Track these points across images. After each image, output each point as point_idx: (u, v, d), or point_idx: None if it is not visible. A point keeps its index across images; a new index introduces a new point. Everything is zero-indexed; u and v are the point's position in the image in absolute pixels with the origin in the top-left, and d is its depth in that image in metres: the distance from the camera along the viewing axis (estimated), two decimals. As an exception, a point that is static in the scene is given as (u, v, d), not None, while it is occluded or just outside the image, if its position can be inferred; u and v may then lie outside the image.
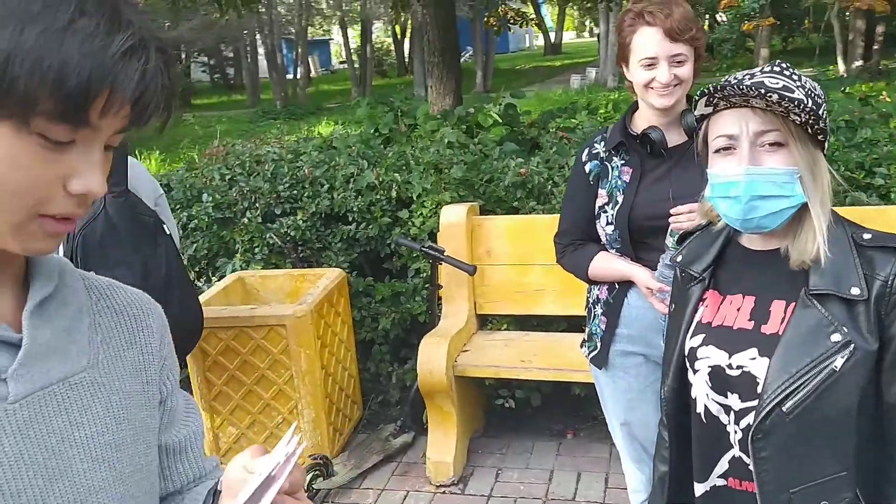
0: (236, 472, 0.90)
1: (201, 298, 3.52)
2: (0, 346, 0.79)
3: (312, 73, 37.46)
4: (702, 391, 1.38)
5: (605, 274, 2.22)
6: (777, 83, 1.25)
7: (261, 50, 24.48)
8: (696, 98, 1.35)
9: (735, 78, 1.31)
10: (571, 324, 3.61)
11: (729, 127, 1.30)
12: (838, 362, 1.23)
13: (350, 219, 3.94)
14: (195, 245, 4.03)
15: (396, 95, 5.72)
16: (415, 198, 3.89)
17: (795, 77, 1.29)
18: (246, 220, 3.97)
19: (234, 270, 3.90)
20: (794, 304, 1.30)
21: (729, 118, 1.30)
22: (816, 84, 1.31)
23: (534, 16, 9.80)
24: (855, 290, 1.24)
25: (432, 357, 3.28)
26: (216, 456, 1.13)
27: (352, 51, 27.62)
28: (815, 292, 1.27)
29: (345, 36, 28.30)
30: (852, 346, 1.23)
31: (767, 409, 1.26)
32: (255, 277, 3.81)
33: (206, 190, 4.11)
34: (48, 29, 0.69)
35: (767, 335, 1.31)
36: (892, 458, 1.29)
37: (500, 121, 4.74)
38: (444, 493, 3.32)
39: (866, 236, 1.29)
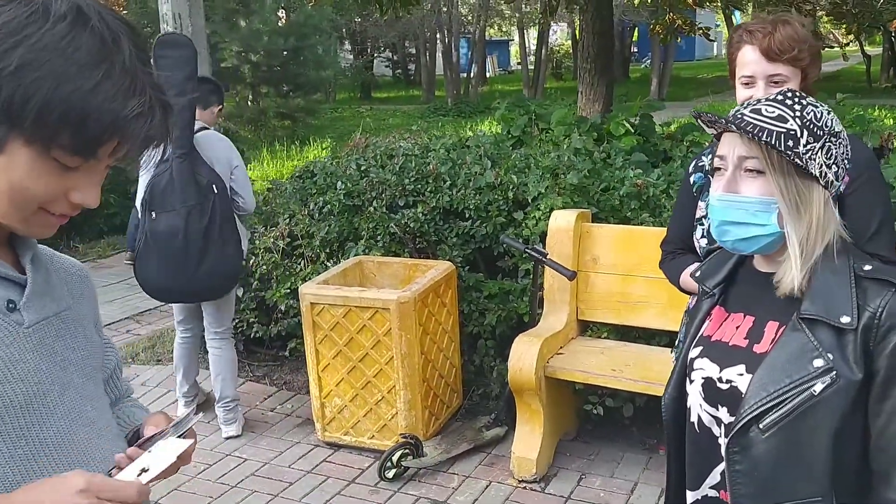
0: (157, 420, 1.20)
1: (323, 277, 3.83)
2: (8, 284, 1.04)
3: (489, 73, 38.05)
4: (696, 401, 1.43)
5: (691, 286, 2.25)
6: (772, 112, 1.29)
7: (440, 47, 25.22)
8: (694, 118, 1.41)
9: (744, 105, 1.35)
10: (674, 339, 3.57)
11: (722, 148, 1.36)
12: (818, 387, 1.24)
13: (467, 215, 4.11)
14: (327, 228, 4.35)
15: (549, 99, 5.81)
16: (530, 200, 3.99)
17: (799, 107, 1.30)
18: (372, 209, 4.24)
19: (356, 254, 4.18)
20: (785, 326, 1.32)
21: (725, 140, 1.35)
22: (831, 118, 1.32)
23: (703, 25, 9.43)
24: (845, 319, 1.25)
25: (523, 355, 3.38)
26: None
27: (531, 52, 27.83)
28: (805, 317, 1.29)
29: (522, 37, 28.53)
30: (834, 373, 1.24)
31: (743, 422, 1.29)
32: (373, 262, 4.07)
33: (341, 178, 4.42)
34: (79, 88, 0.92)
35: (757, 354, 1.35)
36: (875, 490, 1.27)
37: (633, 130, 4.71)
38: (524, 488, 3.41)
39: (867, 268, 1.29)
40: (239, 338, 4.62)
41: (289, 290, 4.31)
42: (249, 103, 16.51)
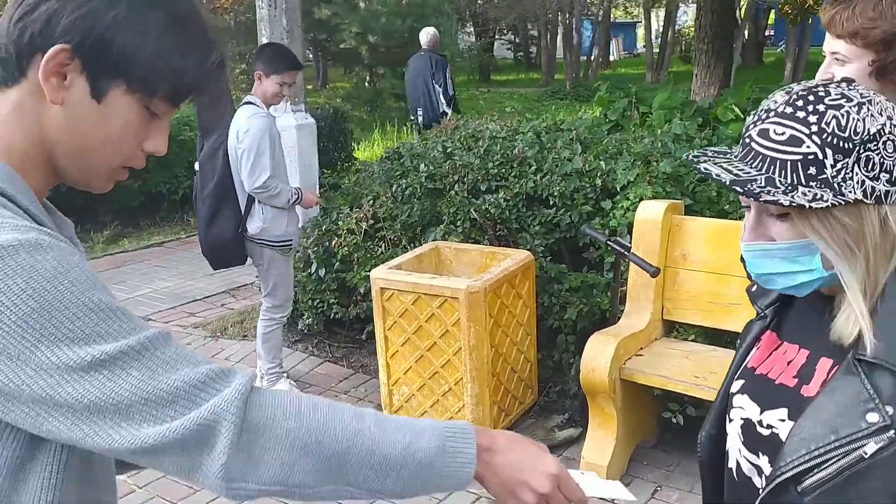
0: None
1: (396, 262, 3.74)
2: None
3: (614, 56, 37.01)
4: (734, 445, 1.20)
5: None
6: (782, 134, 1.02)
7: (561, 30, 24.69)
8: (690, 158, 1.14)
9: (754, 114, 1.08)
10: (769, 346, 3.25)
11: None
12: (870, 448, 0.98)
13: (551, 203, 3.90)
14: (409, 211, 4.25)
15: (669, 83, 5.47)
16: (619, 189, 3.73)
17: (815, 117, 1.01)
18: (453, 193, 4.10)
19: (434, 240, 4.06)
20: (839, 366, 1.06)
21: None
22: (864, 115, 1.01)
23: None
24: None
25: (597, 355, 3.15)
26: None
27: (657, 35, 26.79)
28: (863, 358, 1.02)
29: (647, 19, 27.51)
30: (893, 431, 0.98)
31: (777, 481, 1.05)
32: (450, 249, 3.93)
33: (424, 161, 4.31)
34: (181, 40, 1.00)
35: (804, 397, 1.10)
36: None
37: (742, 117, 4.33)
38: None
39: None
40: (320, 318, 4.61)
41: (368, 273, 4.24)
42: (367, 84, 16.72)
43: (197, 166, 3.91)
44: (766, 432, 1.13)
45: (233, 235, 3.82)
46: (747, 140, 1.07)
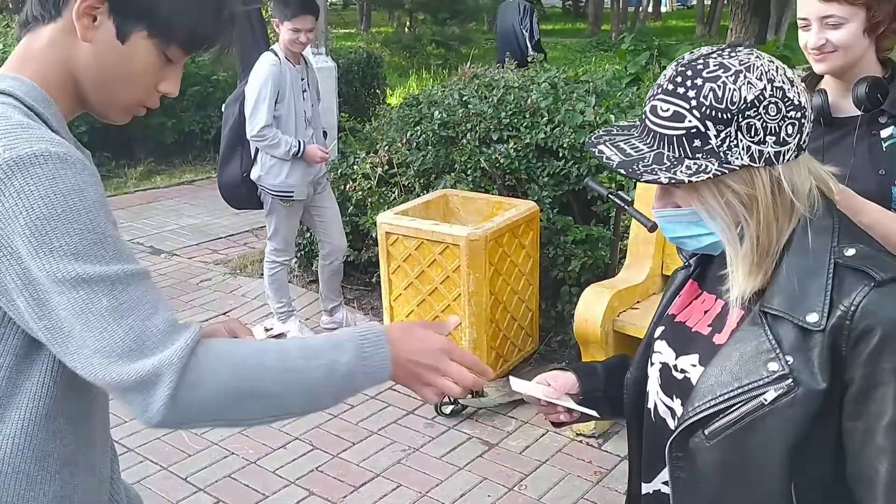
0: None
1: (403, 208, 3.81)
2: None
3: (665, 8, 35.98)
4: (653, 387, 1.26)
5: None
6: (667, 110, 1.05)
7: (610, -22, 24.07)
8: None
9: (653, 93, 1.11)
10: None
11: None
12: (769, 395, 1.04)
13: (560, 154, 3.91)
14: (423, 158, 4.30)
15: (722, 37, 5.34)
16: (628, 143, 3.72)
17: (694, 92, 1.03)
18: (465, 142, 4.13)
19: (444, 187, 4.11)
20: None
21: None
22: (742, 82, 1.02)
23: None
24: (812, 318, 1.03)
25: (591, 305, 3.21)
26: None
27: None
28: (767, 310, 1.07)
29: (701, -31, 26.61)
30: (790, 380, 1.03)
31: (686, 424, 1.12)
32: (458, 197, 3.98)
33: (439, 108, 4.33)
34: (195, 2, 1.11)
35: (715, 345, 1.15)
36: None
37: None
38: (580, 441, 3.29)
39: (849, 253, 1.05)
40: (334, 260, 4.72)
41: (378, 218, 4.32)
42: (406, 30, 16.59)
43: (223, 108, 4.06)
44: (679, 376, 1.19)
45: (240, 179, 3.93)
46: (643, 116, 1.11)
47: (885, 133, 1.72)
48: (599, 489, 2.98)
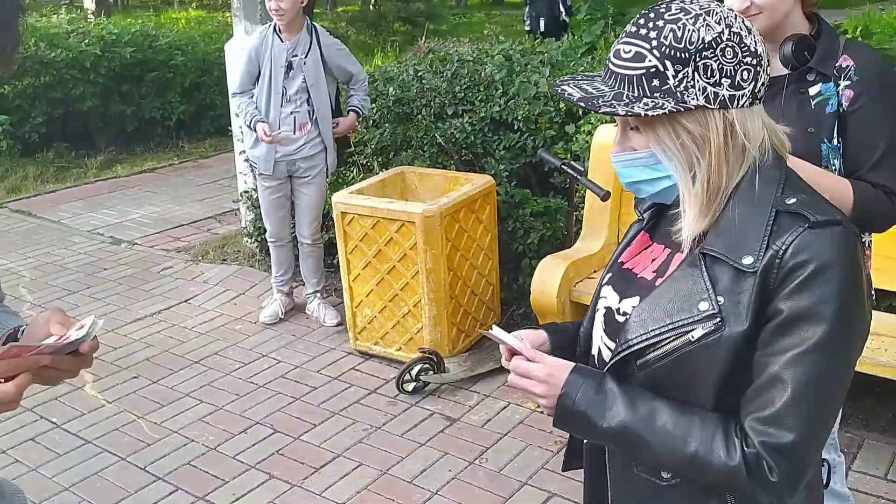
0: (38, 329, 1.12)
1: (358, 187, 3.76)
2: None
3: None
4: (598, 332, 1.29)
5: None
6: (629, 51, 1.11)
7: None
8: None
9: (618, 39, 1.16)
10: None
11: None
12: (697, 332, 1.09)
13: (516, 127, 3.88)
14: (379, 136, 4.25)
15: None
16: (581, 113, 3.70)
17: (655, 33, 1.09)
18: (420, 118, 4.09)
19: (402, 164, 4.07)
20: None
21: None
22: (701, 24, 1.07)
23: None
24: (747, 260, 1.07)
25: (546, 276, 3.21)
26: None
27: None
28: (706, 252, 1.11)
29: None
30: (718, 319, 1.07)
31: (619, 356, 1.16)
32: (415, 174, 3.95)
33: (393, 84, 4.28)
34: None
35: (656, 287, 1.18)
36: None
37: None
38: (542, 412, 3.29)
39: (790, 201, 1.09)
40: (294, 242, 4.67)
41: (339, 198, 4.27)
42: (371, 7, 16.39)
43: None
44: (621, 319, 1.21)
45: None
46: (606, 61, 1.15)
47: (813, 91, 1.71)
48: (559, 459, 2.98)
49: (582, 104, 1.11)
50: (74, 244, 5.57)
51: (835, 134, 1.69)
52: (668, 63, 1.07)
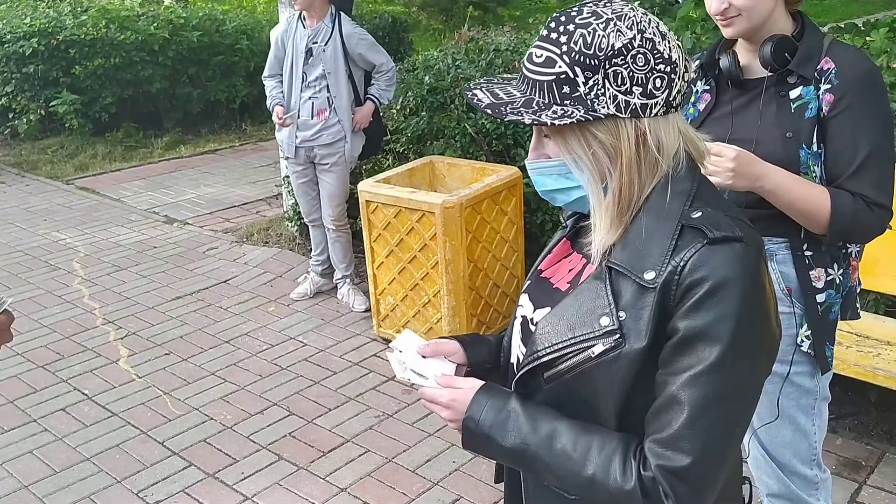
0: None
1: (385, 175, 3.79)
2: None
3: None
4: (515, 341, 1.27)
5: None
6: (540, 56, 1.06)
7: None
8: None
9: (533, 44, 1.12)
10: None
11: None
12: (597, 348, 1.06)
13: (546, 119, 3.82)
14: (415, 124, 4.26)
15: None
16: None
17: (565, 37, 1.03)
18: (453, 107, 4.08)
19: (433, 154, 4.07)
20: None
21: None
22: (612, 29, 1.02)
23: None
24: (649, 275, 1.03)
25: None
26: None
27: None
28: (611, 266, 1.08)
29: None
30: (618, 335, 1.04)
31: (524, 370, 1.13)
32: (444, 163, 3.94)
33: (430, 73, 4.28)
34: None
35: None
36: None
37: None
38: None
39: (696, 215, 1.05)
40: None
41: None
42: (445, -8, 16.33)
43: None
44: (533, 329, 1.19)
45: None
46: (521, 65, 1.12)
47: (793, 94, 1.63)
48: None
49: (489, 112, 1.07)
50: (130, 222, 5.80)
51: (814, 139, 1.60)
52: (577, 69, 1.03)
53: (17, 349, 3.92)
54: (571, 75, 1.03)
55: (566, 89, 1.04)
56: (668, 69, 1.05)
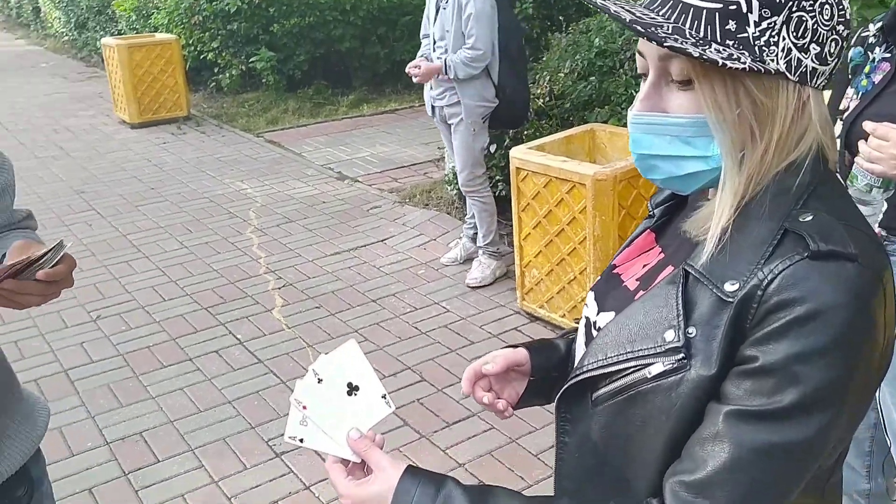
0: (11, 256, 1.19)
1: (540, 142, 3.62)
2: None
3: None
4: (580, 343, 1.08)
5: None
6: None
7: None
8: None
9: None
10: None
11: (641, 42, 0.88)
12: (656, 368, 0.85)
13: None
14: (578, 90, 4.03)
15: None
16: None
17: None
18: (622, 72, 3.79)
19: (598, 121, 3.83)
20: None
21: None
22: None
23: None
24: (730, 287, 0.82)
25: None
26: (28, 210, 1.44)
27: None
28: (689, 270, 0.87)
29: None
30: (682, 355, 0.83)
31: (572, 382, 0.94)
32: (605, 132, 3.68)
33: (599, 35, 4.01)
34: None
35: (635, 301, 0.96)
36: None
37: None
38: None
39: (805, 218, 0.81)
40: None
41: (532, 152, 4.15)
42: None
43: None
44: (595, 335, 1.00)
45: None
46: None
47: None
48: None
49: (638, 29, 0.80)
50: (306, 176, 6.03)
51: None
52: (755, 4, 0.80)
53: (188, 290, 4.20)
54: (745, 9, 0.80)
55: (731, 26, 0.81)
56: (845, 34, 0.84)
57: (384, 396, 1.07)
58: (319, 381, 1.03)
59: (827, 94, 1.60)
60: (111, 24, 10.56)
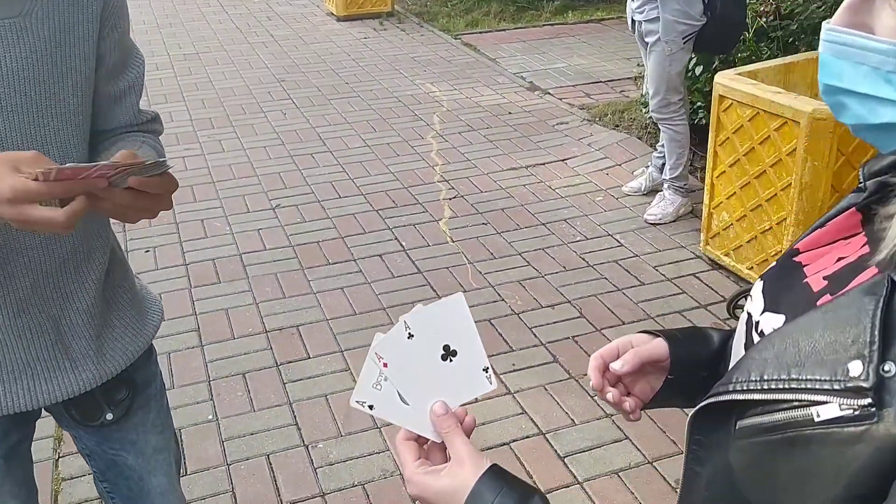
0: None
1: (753, 67, 3.18)
2: None
3: None
4: (737, 346, 0.83)
5: None
6: None
7: None
8: None
9: None
10: None
11: None
12: (827, 411, 0.62)
13: None
14: (810, 10, 3.47)
15: None
16: None
17: None
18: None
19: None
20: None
21: None
22: None
23: None
24: None
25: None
26: (154, 112, 1.34)
27: None
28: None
29: None
30: (868, 401, 0.59)
31: (711, 400, 0.71)
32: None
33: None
34: None
35: (817, 308, 0.70)
36: None
37: None
38: None
39: None
40: (688, 121, 4.21)
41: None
42: None
43: None
44: (756, 339, 0.77)
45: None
46: None
47: None
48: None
49: None
50: (496, 84, 5.81)
51: None
52: None
53: (364, 189, 4.21)
54: None
55: None
56: None
57: (486, 370, 0.87)
58: (410, 336, 0.84)
59: None
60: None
